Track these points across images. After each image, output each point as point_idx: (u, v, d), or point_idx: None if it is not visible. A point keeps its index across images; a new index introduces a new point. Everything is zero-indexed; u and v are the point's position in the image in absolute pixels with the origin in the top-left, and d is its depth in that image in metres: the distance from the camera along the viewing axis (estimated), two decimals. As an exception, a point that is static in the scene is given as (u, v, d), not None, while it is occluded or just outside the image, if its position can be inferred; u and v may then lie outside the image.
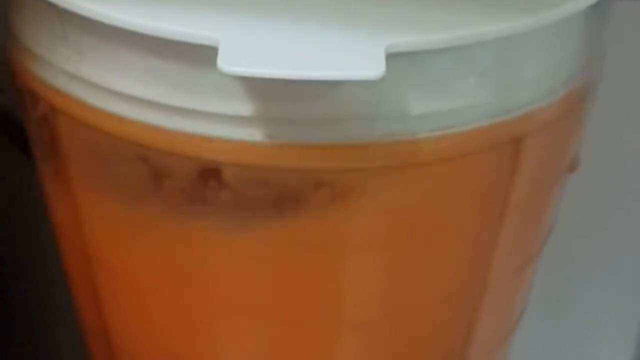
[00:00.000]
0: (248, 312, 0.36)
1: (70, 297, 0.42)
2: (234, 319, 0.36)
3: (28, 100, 0.36)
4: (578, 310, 0.59)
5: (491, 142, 0.33)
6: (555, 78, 0.34)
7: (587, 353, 0.61)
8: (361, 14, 0.31)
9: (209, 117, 0.31)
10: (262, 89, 0.30)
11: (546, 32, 0.32)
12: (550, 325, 0.59)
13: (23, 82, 0.35)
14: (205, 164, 0.32)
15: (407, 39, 0.30)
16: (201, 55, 0.30)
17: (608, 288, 0.59)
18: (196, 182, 0.32)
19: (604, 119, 0.43)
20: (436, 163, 0.33)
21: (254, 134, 0.31)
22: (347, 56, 0.29)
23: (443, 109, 0.32)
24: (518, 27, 0.31)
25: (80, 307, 0.42)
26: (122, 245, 0.36)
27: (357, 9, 0.31)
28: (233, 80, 0.30)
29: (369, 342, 0.37)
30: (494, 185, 0.35)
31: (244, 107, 0.31)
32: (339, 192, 0.32)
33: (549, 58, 0.34)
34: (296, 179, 0.32)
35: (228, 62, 0.28)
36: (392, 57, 0.29)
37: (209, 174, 0.32)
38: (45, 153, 0.37)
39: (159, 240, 0.35)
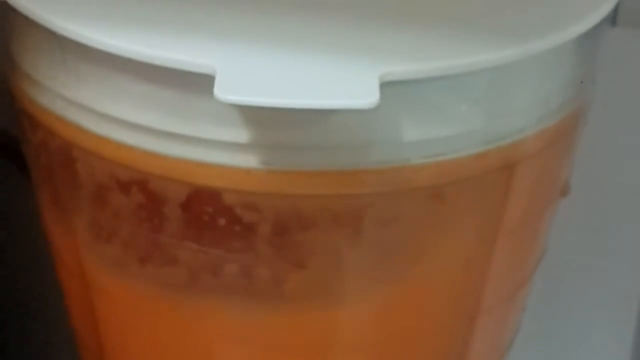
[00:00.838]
0: (241, 333, 0.36)
1: (65, 313, 0.42)
2: (228, 344, 0.36)
3: (27, 125, 0.36)
4: (571, 325, 0.60)
5: (484, 169, 0.33)
6: (547, 105, 0.34)
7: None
8: (355, 42, 0.31)
9: (205, 144, 0.32)
10: (257, 117, 0.31)
11: (538, 60, 0.33)
12: (543, 339, 0.60)
13: (22, 107, 0.36)
14: (201, 190, 0.32)
15: (401, 68, 0.30)
16: (198, 83, 0.30)
17: (601, 303, 0.59)
18: (192, 208, 0.33)
19: (596, 143, 0.44)
20: (429, 189, 0.33)
21: (249, 161, 0.31)
22: (342, 85, 0.29)
23: (436, 136, 0.32)
24: (511, 55, 0.31)
25: (76, 328, 0.42)
26: (119, 271, 0.36)
27: (351, 38, 0.31)
28: (229, 108, 0.30)
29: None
30: (487, 211, 0.35)
31: (239, 135, 0.31)
32: (332, 218, 0.32)
33: (540, 85, 0.34)
34: (292, 205, 0.32)
35: (225, 91, 0.28)
36: (386, 86, 0.29)
37: (204, 201, 0.32)
38: (44, 178, 0.37)
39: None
